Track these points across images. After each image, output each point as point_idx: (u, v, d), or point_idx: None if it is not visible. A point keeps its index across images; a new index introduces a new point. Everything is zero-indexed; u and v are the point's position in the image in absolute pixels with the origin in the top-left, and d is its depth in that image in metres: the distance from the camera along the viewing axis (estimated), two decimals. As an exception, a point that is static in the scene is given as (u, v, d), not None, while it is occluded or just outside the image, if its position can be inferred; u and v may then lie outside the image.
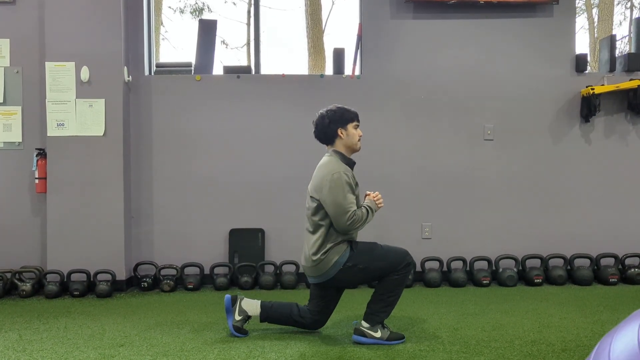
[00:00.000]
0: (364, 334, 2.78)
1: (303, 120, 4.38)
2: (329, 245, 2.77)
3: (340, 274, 2.78)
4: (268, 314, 2.94)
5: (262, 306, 2.94)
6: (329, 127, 2.86)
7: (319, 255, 2.77)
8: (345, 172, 2.78)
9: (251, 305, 2.94)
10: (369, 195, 2.92)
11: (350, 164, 2.90)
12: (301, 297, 3.86)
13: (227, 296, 2.95)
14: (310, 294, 2.98)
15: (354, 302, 3.69)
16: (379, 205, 2.91)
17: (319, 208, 2.79)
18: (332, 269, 2.77)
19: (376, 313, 2.78)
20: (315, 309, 2.93)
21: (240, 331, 2.93)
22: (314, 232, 2.82)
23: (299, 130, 4.37)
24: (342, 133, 2.86)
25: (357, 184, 2.86)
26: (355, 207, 2.76)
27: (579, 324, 3.11)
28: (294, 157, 4.38)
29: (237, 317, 2.92)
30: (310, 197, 2.86)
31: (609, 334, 0.92)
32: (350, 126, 2.88)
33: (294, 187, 4.37)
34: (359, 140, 2.92)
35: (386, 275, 2.80)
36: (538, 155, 4.44)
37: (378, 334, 2.77)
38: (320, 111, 2.92)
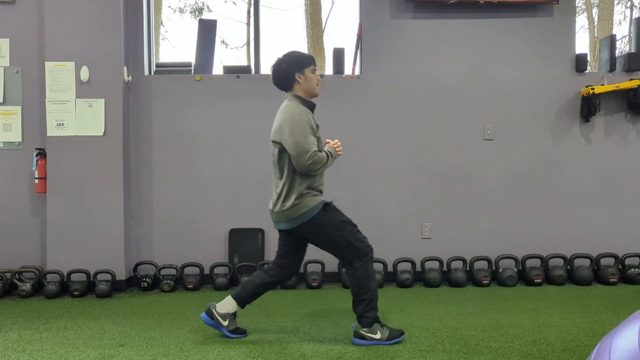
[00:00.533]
0: (363, 337, 2.78)
1: (303, 120, 4.38)
2: (296, 194, 2.75)
3: (305, 227, 2.78)
4: (244, 298, 2.92)
5: (234, 297, 2.91)
6: (286, 72, 2.84)
7: (289, 202, 2.76)
8: (306, 114, 2.78)
9: (226, 304, 2.91)
10: (328, 142, 2.93)
11: (311, 106, 2.89)
12: (301, 297, 3.86)
13: (203, 315, 2.90)
14: (278, 243, 2.97)
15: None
16: (339, 153, 2.91)
17: (282, 151, 2.78)
18: (298, 218, 2.76)
19: (364, 315, 2.78)
20: (283, 260, 2.93)
21: (237, 332, 2.92)
22: (280, 178, 2.82)
23: (299, 130, 4.36)
24: (299, 77, 2.85)
25: (318, 126, 2.85)
26: (315, 148, 2.74)
27: (579, 324, 3.11)
28: (294, 157, 4.37)
29: (225, 323, 2.89)
30: (272, 142, 2.84)
31: (609, 335, 0.92)
32: (307, 70, 2.86)
33: (293, 187, 4.37)
34: (317, 84, 2.91)
35: (342, 256, 2.82)
36: (538, 155, 4.44)
37: (377, 335, 2.77)
38: (277, 57, 2.90)
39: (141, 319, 3.36)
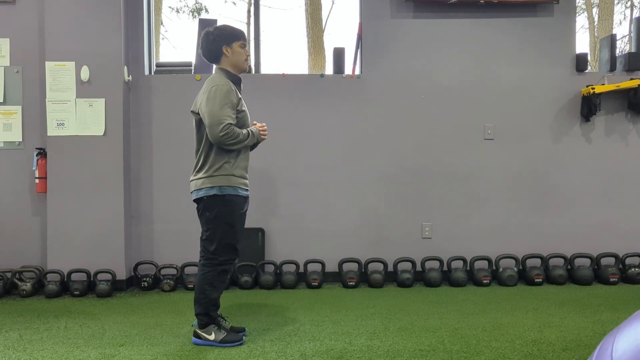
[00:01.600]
0: (199, 336, 2.78)
1: (303, 120, 4.38)
2: (208, 167, 2.72)
3: (200, 201, 2.76)
4: (206, 303, 2.79)
5: (196, 314, 2.84)
6: (213, 44, 2.81)
7: (200, 174, 2.74)
8: (228, 86, 2.73)
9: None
10: (255, 124, 2.91)
11: (236, 80, 2.85)
12: (301, 297, 3.86)
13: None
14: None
15: (353, 302, 3.69)
16: (262, 136, 2.89)
17: (200, 123, 2.76)
18: (200, 191, 2.74)
19: (198, 316, 2.77)
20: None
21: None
22: (197, 150, 2.80)
23: (299, 129, 4.37)
24: (227, 51, 2.81)
25: (240, 100, 2.80)
26: (231, 121, 2.67)
27: (580, 323, 3.11)
28: (294, 156, 4.38)
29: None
30: (191, 111, 2.83)
31: (611, 333, 0.92)
32: (235, 45, 2.83)
33: (294, 186, 4.38)
34: (245, 60, 2.87)
35: (203, 246, 2.81)
36: (538, 154, 4.44)
37: (212, 336, 2.76)
38: (207, 29, 2.87)
39: (141, 318, 3.36)
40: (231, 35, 2.83)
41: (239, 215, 2.81)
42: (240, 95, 2.83)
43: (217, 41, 2.81)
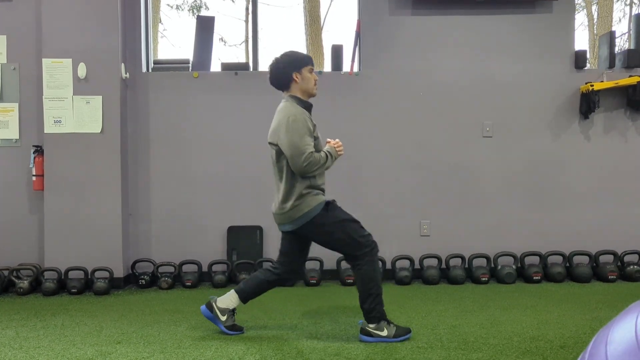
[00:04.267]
0: (369, 334, 2.76)
1: (301, 117, 4.37)
2: (297, 194, 2.74)
3: (308, 226, 2.76)
4: (247, 293, 2.91)
5: (237, 292, 2.91)
6: (283, 72, 2.82)
7: (289, 203, 2.75)
8: (303, 114, 2.75)
9: (227, 299, 2.91)
10: (329, 142, 2.91)
11: (308, 107, 2.86)
12: (299, 295, 3.85)
13: (203, 307, 2.92)
14: (281, 243, 2.96)
15: (351, 299, 3.69)
16: (339, 153, 2.89)
17: (280, 153, 2.77)
18: (301, 219, 2.75)
19: (371, 310, 2.76)
20: (286, 258, 2.92)
21: (234, 329, 2.91)
22: (280, 180, 2.81)
23: (297, 127, 4.35)
24: (297, 77, 2.82)
25: (315, 126, 2.82)
26: (312, 149, 2.70)
27: (578, 320, 3.10)
28: (292, 154, 4.36)
29: (223, 318, 2.88)
30: (270, 143, 2.83)
31: (606, 326, 0.91)
32: (305, 70, 2.84)
33: (292, 184, 4.36)
34: (314, 84, 2.89)
35: (347, 253, 2.80)
36: (537, 152, 4.43)
37: (384, 332, 2.75)
38: (275, 56, 2.88)
39: (139, 316, 3.35)
40: (300, 61, 2.84)
41: (339, 212, 2.83)
42: (314, 122, 2.83)
43: (287, 68, 2.81)
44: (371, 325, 2.76)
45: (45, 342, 2.84)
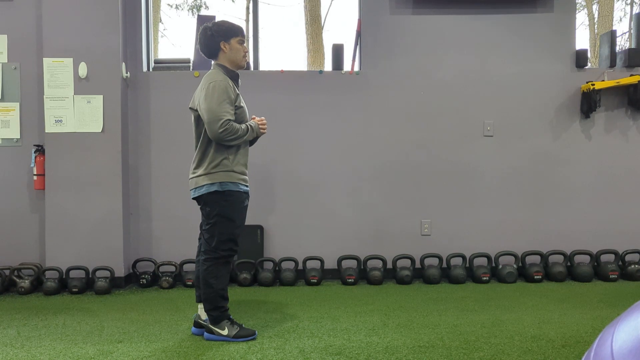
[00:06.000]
0: (211, 331, 2.78)
1: (302, 117, 4.37)
2: (207, 163, 2.71)
3: (202, 197, 2.75)
4: (200, 295, 2.87)
5: (198, 302, 2.91)
6: (211, 40, 2.80)
7: (199, 170, 2.74)
8: (224, 82, 2.72)
9: (201, 309, 2.88)
10: (254, 118, 2.90)
11: (234, 76, 2.84)
12: (300, 294, 3.85)
13: (193, 329, 2.90)
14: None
15: (352, 299, 3.69)
16: (262, 130, 2.87)
17: (199, 119, 2.76)
18: (201, 188, 2.74)
19: (209, 312, 2.77)
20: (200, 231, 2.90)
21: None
22: (196, 146, 2.79)
23: (298, 126, 4.36)
24: (225, 47, 2.80)
25: (238, 95, 2.79)
26: (230, 117, 2.67)
27: (579, 320, 3.10)
28: (293, 152, 4.37)
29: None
30: (190, 108, 2.82)
31: (611, 324, 0.91)
32: (234, 41, 2.82)
33: (293, 183, 4.36)
34: (244, 56, 2.86)
35: (205, 242, 2.80)
36: (538, 151, 4.42)
37: (225, 331, 2.76)
38: (205, 24, 2.86)
39: (140, 315, 3.35)
40: (229, 31, 2.82)
41: (239, 210, 2.80)
42: (238, 91, 2.81)
43: (215, 37, 2.79)
44: (213, 325, 2.77)
45: (47, 341, 2.84)
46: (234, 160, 2.76)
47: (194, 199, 2.85)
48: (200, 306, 2.88)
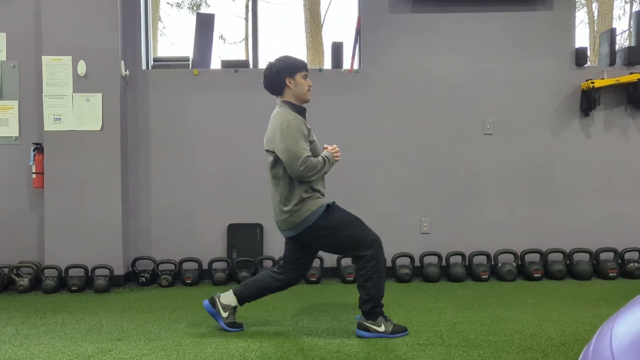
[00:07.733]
0: (367, 329, 2.77)
1: (301, 115, 4.36)
2: (296, 199, 2.73)
3: (310, 231, 2.76)
4: (245, 297, 2.93)
5: (236, 294, 2.92)
6: (277, 77, 2.81)
7: (289, 207, 2.75)
8: (297, 119, 2.74)
9: (228, 296, 2.93)
10: (326, 148, 2.90)
11: (301, 111, 2.85)
12: (300, 292, 3.85)
13: (205, 302, 2.94)
14: (285, 247, 2.96)
15: (351, 297, 3.69)
16: (336, 158, 2.88)
17: (276, 160, 2.76)
18: (302, 223, 2.74)
19: (367, 306, 2.76)
20: (289, 266, 2.92)
21: (234, 326, 2.93)
22: (277, 186, 2.80)
23: (298, 124, 4.35)
24: (290, 83, 2.81)
25: (310, 130, 2.80)
26: (308, 153, 2.69)
27: (578, 317, 3.10)
28: (293, 151, 4.36)
29: (225, 314, 2.91)
30: (266, 150, 2.83)
31: (609, 319, 0.91)
32: (298, 76, 2.83)
33: (292, 181, 4.36)
34: (308, 90, 2.87)
35: (352, 254, 2.80)
36: (538, 149, 4.42)
37: (382, 328, 2.76)
38: (270, 61, 2.88)
39: (139, 313, 3.35)
40: (294, 67, 2.82)
41: (340, 212, 2.83)
42: (308, 126, 2.81)
43: (281, 73, 2.80)
44: (368, 321, 2.77)
45: (46, 339, 2.84)
46: (316, 186, 2.79)
47: (290, 238, 2.86)
48: (227, 293, 2.94)
